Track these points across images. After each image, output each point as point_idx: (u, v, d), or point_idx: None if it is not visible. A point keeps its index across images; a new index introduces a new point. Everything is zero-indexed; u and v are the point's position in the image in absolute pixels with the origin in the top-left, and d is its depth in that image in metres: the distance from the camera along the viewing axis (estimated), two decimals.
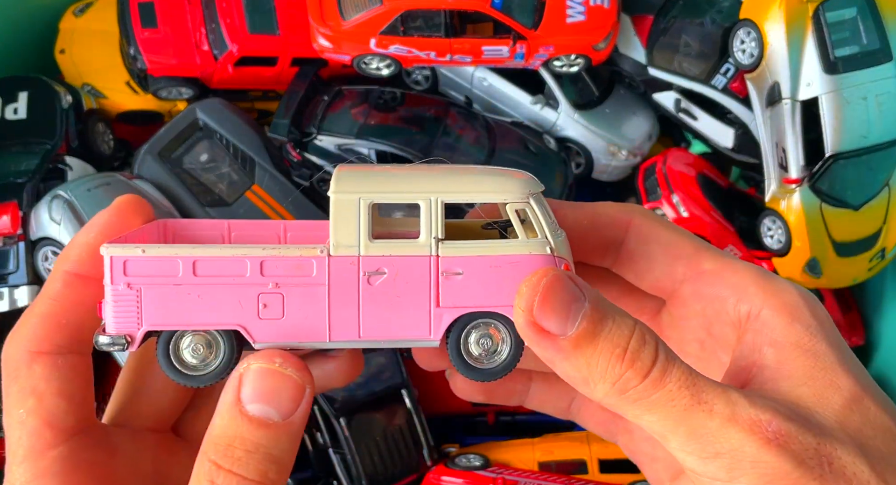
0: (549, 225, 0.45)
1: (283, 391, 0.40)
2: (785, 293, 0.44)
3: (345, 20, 1.37)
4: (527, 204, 0.45)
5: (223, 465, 0.39)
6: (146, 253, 0.44)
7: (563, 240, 0.46)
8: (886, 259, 1.35)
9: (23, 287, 1.24)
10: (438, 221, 0.45)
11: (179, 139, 1.44)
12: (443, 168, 0.48)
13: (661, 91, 1.49)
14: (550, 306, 0.40)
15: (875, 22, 1.23)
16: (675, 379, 0.39)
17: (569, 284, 0.41)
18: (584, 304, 0.40)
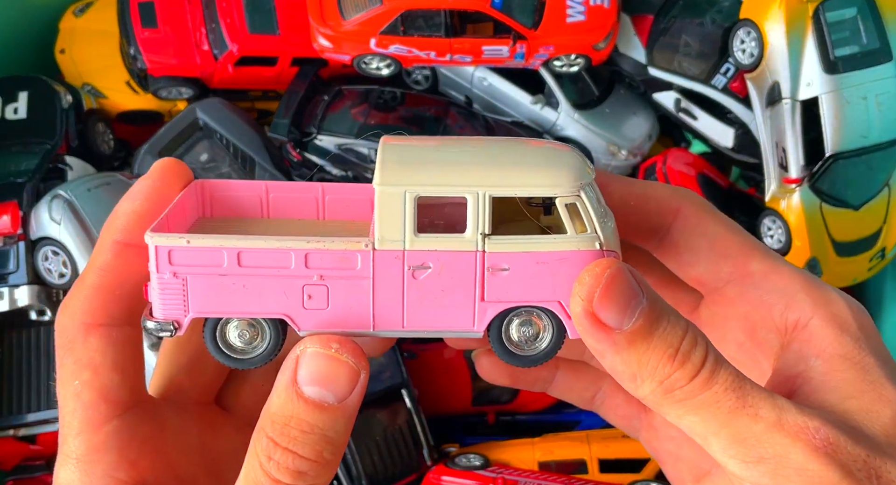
0: (598, 215, 0.44)
1: (339, 376, 0.41)
2: (835, 304, 0.43)
3: (345, 20, 1.37)
4: (577, 198, 0.44)
5: (280, 442, 0.40)
6: (191, 244, 0.44)
7: (613, 229, 0.45)
8: (886, 259, 1.35)
9: (23, 287, 1.24)
10: (486, 216, 0.43)
11: (179, 139, 1.44)
12: (491, 151, 0.47)
13: (661, 91, 1.49)
14: (611, 299, 0.39)
15: (875, 22, 1.23)
16: (722, 381, 0.38)
17: (631, 279, 0.40)
18: (642, 300, 0.40)
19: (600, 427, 1.37)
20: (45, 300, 1.26)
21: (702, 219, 0.46)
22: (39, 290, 1.25)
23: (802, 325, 0.42)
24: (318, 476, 0.41)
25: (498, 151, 0.47)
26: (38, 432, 1.31)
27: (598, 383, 0.56)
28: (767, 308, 0.44)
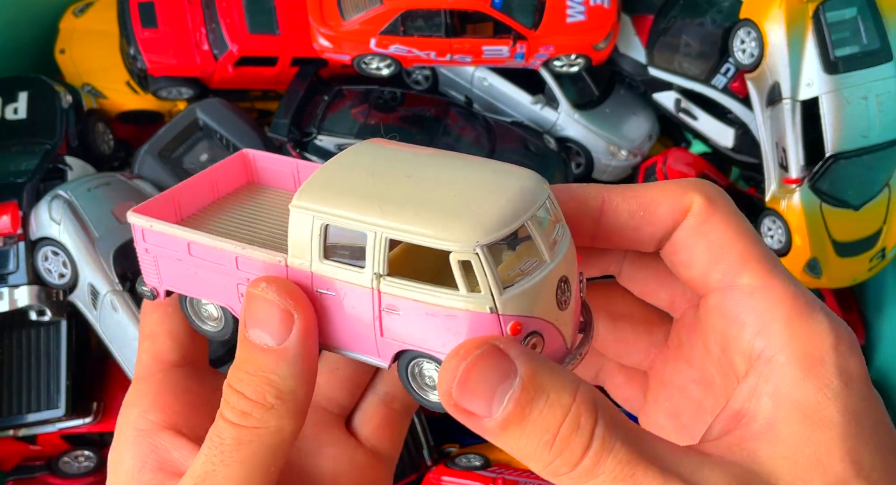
0: (494, 277, 0.40)
1: (271, 317, 0.42)
2: (814, 339, 0.37)
3: (345, 20, 1.37)
4: (473, 256, 0.40)
5: (232, 384, 0.43)
6: (153, 228, 0.49)
7: (530, 288, 0.41)
8: (887, 259, 1.35)
9: (23, 287, 1.24)
10: (382, 256, 0.42)
11: (179, 139, 1.44)
12: (423, 186, 0.44)
13: (662, 91, 1.49)
14: (472, 389, 0.37)
15: (875, 22, 1.23)
16: (609, 470, 0.35)
17: (497, 362, 0.37)
18: (513, 383, 0.36)
19: None
20: (44, 300, 1.26)
21: (708, 219, 0.42)
22: (39, 290, 1.25)
23: (767, 358, 0.38)
24: (263, 419, 0.41)
25: (430, 187, 0.44)
26: (38, 432, 1.31)
27: (598, 363, 0.55)
28: (739, 328, 0.40)
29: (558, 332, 0.43)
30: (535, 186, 0.43)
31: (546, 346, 0.42)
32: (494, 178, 0.44)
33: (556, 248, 0.43)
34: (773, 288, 0.40)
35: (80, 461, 1.34)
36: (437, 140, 1.41)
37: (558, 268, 0.43)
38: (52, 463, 1.33)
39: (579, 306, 0.46)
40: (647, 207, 0.44)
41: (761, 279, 0.40)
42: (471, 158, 0.47)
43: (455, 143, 1.42)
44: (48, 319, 1.28)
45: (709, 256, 0.42)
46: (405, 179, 0.44)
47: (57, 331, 1.29)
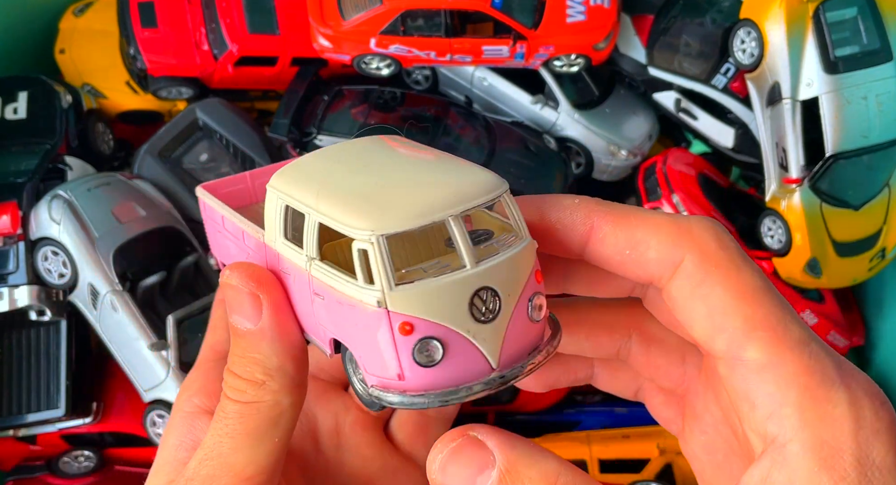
0: (388, 272, 0.39)
1: (241, 302, 0.44)
2: (830, 426, 0.34)
3: (345, 20, 1.37)
4: (370, 245, 0.38)
5: (228, 366, 0.46)
6: (205, 202, 0.55)
7: (431, 290, 0.39)
8: (887, 259, 1.35)
9: (22, 287, 1.24)
10: (313, 239, 0.41)
11: (179, 139, 1.44)
12: (376, 177, 0.43)
13: (662, 91, 1.49)
14: (452, 481, 0.38)
15: (875, 22, 1.22)
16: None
17: (473, 453, 0.37)
18: (490, 474, 0.37)
19: (600, 427, 1.37)
20: (44, 300, 1.26)
21: (703, 280, 0.38)
22: (39, 290, 1.25)
23: (780, 444, 0.35)
24: (257, 395, 0.44)
25: (375, 179, 0.43)
26: (38, 432, 1.31)
27: (638, 380, 0.52)
28: (750, 407, 0.37)
29: (473, 346, 0.40)
30: (476, 187, 0.41)
31: (450, 357, 0.40)
32: (443, 176, 0.42)
33: (488, 256, 0.40)
34: (783, 364, 0.35)
35: (80, 461, 1.34)
36: (437, 140, 1.41)
37: (479, 276, 0.40)
38: (52, 463, 1.33)
39: (527, 328, 0.42)
40: (636, 248, 0.40)
41: (769, 353, 0.36)
42: (446, 159, 0.45)
43: (455, 142, 1.42)
44: (48, 319, 1.28)
45: (709, 323, 0.38)
46: (361, 170, 0.44)
47: (57, 331, 1.29)
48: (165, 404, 1.23)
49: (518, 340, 0.42)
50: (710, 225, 0.39)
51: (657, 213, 0.41)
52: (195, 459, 0.46)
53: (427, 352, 0.40)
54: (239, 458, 0.44)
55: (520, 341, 0.42)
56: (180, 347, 1.22)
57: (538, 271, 0.42)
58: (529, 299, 0.42)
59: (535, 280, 0.42)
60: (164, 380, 1.22)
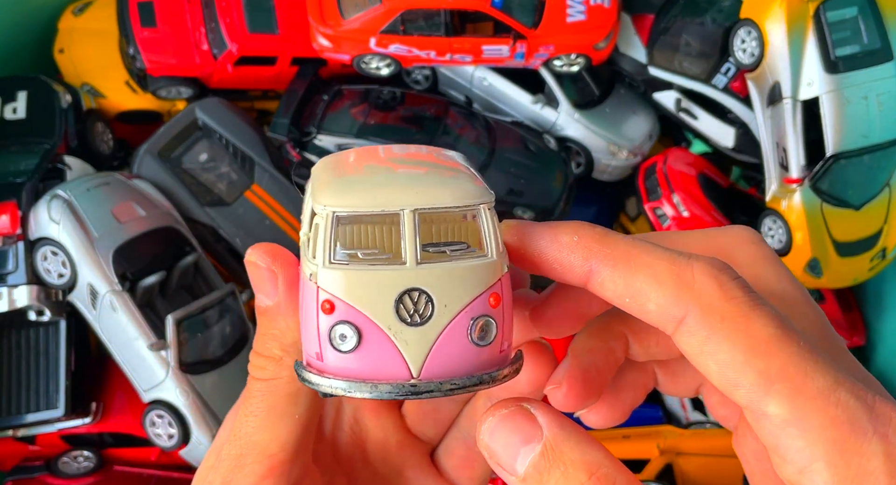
0: (327, 243, 0.39)
1: (261, 278, 0.44)
2: (867, 480, 0.32)
3: (345, 20, 1.37)
4: (322, 219, 0.39)
5: (253, 346, 0.46)
6: None
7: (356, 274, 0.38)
8: (887, 259, 1.34)
9: (22, 287, 1.24)
10: (307, 220, 0.42)
11: (179, 139, 1.44)
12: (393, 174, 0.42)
13: (662, 90, 1.49)
14: (498, 448, 0.38)
15: (876, 21, 1.22)
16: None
17: (522, 423, 0.37)
18: (535, 447, 0.36)
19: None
20: (44, 300, 1.25)
21: (710, 336, 0.35)
22: (38, 290, 1.25)
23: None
24: (275, 371, 0.44)
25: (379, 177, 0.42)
26: (38, 432, 1.30)
27: (697, 378, 0.50)
28: (780, 460, 0.35)
29: (393, 345, 0.39)
30: (449, 193, 0.39)
31: (366, 348, 0.39)
32: (427, 178, 0.41)
33: (436, 260, 0.39)
34: (808, 418, 0.33)
35: (80, 461, 1.34)
36: (436, 139, 1.41)
37: (413, 275, 0.38)
38: (52, 463, 1.33)
39: (465, 348, 0.40)
40: (635, 298, 0.38)
41: (791, 407, 0.34)
42: (449, 168, 0.43)
43: (455, 142, 1.42)
44: (47, 319, 1.27)
45: (723, 380, 0.36)
46: (361, 170, 0.44)
47: (56, 331, 1.28)
48: (165, 404, 1.23)
49: (452, 357, 0.40)
50: (714, 272, 0.36)
51: (661, 255, 0.38)
52: (227, 440, 0.46)
53: (342, 336, 0.39)
54: (263, 436, 0.44)
55: (454, 359, 0.40)
56: (180, 347, 1.22)
57: (497, 295, 0.39)
58: (473, 319, 0.39)
59: (489, 303, 0.39)
60: (164, 380, 1.22)
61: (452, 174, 0.42)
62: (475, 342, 0.39)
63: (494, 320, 0.40)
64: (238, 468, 0.45)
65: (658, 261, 0.37)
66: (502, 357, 0.41)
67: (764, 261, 0.43)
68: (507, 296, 0.40)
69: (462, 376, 0.40)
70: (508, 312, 0.40)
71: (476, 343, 0.39)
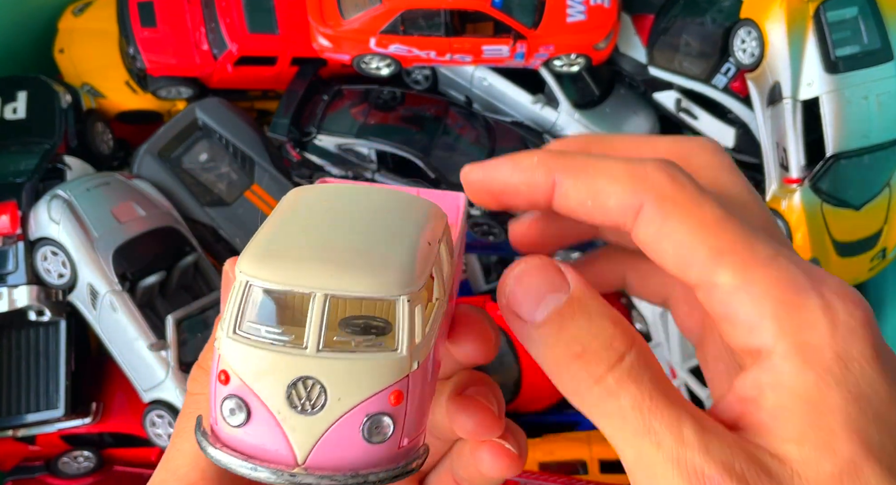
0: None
1: (224, 286, 0.44)
2: (810, 330, 0.36)
3: (345, 20, 1.37)
4: (238, 285, 0.37)
5: (198, 360, 0.46)
6: None
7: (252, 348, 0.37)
8: (887, 259, 1.34)
9: (22, 287, 1.24)
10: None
11: (179, 139, 1.44)
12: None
13: (662, 91, 1.49)
14: (522, 293, 0.39)
15: (876, 21, 1.22)
16: (630, 397, 0.36)
17: (551, 274, 0.39)
18: (560, 297, 0.38)
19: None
20: (44, 300, 1.26)
21: (665, 219, 0.39)
22: (38, 290, 1.25)
23: (766, 353, 0.37)
24: (204, 387, 0.43)
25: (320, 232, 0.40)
26: (38, 432, 1.30)
27: (667, 288, 0.52)
28: (731, 326, 0.38)
29: (280, 430, 0.38)
30: (371, 279, 0.37)
31: (253, 427, 0.37)
32: (363, 254, 0.38)
33: (339, 350, 0.37)
34: (755, 282, 0.37)
35: (80, 462, 1.34)
36: (436, 139, 1.41)
37: (310, 364, 0.37)
38: (52, 463, 1.33)
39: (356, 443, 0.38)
40: (596, 198, 0.41)
41: (739, 274, 0.38)
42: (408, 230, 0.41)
43: (455, 142, 1.42)
44: (47, 320, 1.27)
45: (678, 259, 0.39)
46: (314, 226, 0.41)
47: (56, 331, 1.29)
48: (165, 404, 1.23)
49: (340, 450, 0.38)
50: (665, 167, 0.40)
51: (616, 160, 0.41)
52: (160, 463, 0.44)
53: (231, 410, 0.38)
54: (182, 461, 0.41)
55: (342, 453, 0.38)
56: (180, 347, 1.22)
57: (400, 393, 0.37)
58: (368, 416, 0.38)
59: (388, 401, 0.37)
60: (164, 380, 1.22)
61: (389, 250, 0.39)
62: (367, 439, 0.38)
63: (392, 418, 0.38)
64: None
65: (615, 164, 0.41)
66: (401, 453, 0.39)
67: (720, 166, 0.45)
68: (414, 391, 0.38)
69: (345, 473, 0.38)
70: (414, 408, 0.38)
71: (368, 440, 0.38)
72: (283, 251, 0.37)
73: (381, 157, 1.41)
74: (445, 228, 0.41)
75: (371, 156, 1.41)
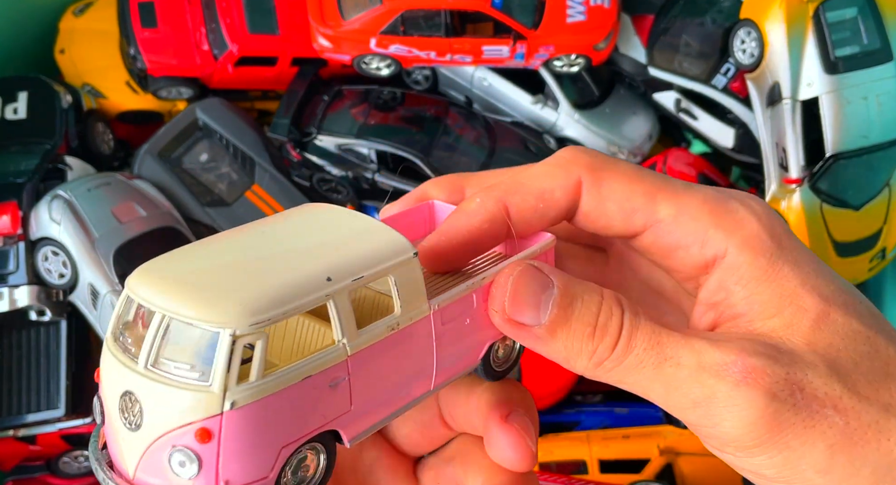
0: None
1: None
2: (745, 226, 0.43)
3: (345, 20, 1.37)
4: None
5: None
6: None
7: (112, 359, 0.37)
8: (887, 259, 1.35)
9: (23, 287, 1.24)
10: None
11: (179, 139, 1.44)
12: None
13: (662, 91, 1.49)
14: (521, 301, 0.42)
15: (875, 22, 1.22)
16: (641, 342, 0.41)
17: (536, 274, 0.42)
18: (552, 290, 0.42)
19: (600, 427, 1.37)
20: (44, 300, 1.26)
21: (601, 185, 0.46)
22: (39, 290, 1.25)
23: (721, 256, 0.43)
24: None
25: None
26: (38, 432, 1.30)
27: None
28: (685, 249, 0.45)
29: (116, 438, 0.37)
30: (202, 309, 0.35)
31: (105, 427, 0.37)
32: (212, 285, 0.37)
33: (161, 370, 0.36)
34: (690, 205, 0.44)
35: (80, 462, 1.34)
36: (436, 140, 1.41)
37: (134, 381, 0.36)
38: (52, 463, 1.33)
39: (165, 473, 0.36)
40: (544, 198, 0.46)
41: (676, 204, 0.44)
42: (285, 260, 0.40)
43: (455, 142, 1.42)
44: (48, 319, 1.28)
45: (622, 212, 0.45)
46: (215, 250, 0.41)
47: (57, 331, 1.29)
48: None
49: (158, 477, 0.36)
50: (578, 150, 0.47)
51: (534, 167, 0.47)
52: None
53: (95, 409, 0.39)
54: None
55: (160, 481, 0.36)
56: None
57: (207, 432, 0.35)
58: (174, 447, 0.36)
59: (196, 438, 0.35)
60: None
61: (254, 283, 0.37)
62: (174, 471, 0.36)
63: (198, 457, 0.36)
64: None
65: (539, 167, 0.47)
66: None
67: None
68: (235, 433, 0.35)
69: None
70: (237, 451, 0.36)
71: (175, 473, 0.36)
72: (166, 269, 0.37)
73: (381, 157, 1.41)
74: (402, 267, 0.40)
75: (371, 156, 1.41)
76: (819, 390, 0.39)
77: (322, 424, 0.38)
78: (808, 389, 0.39)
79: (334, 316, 0.38)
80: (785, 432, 0.38)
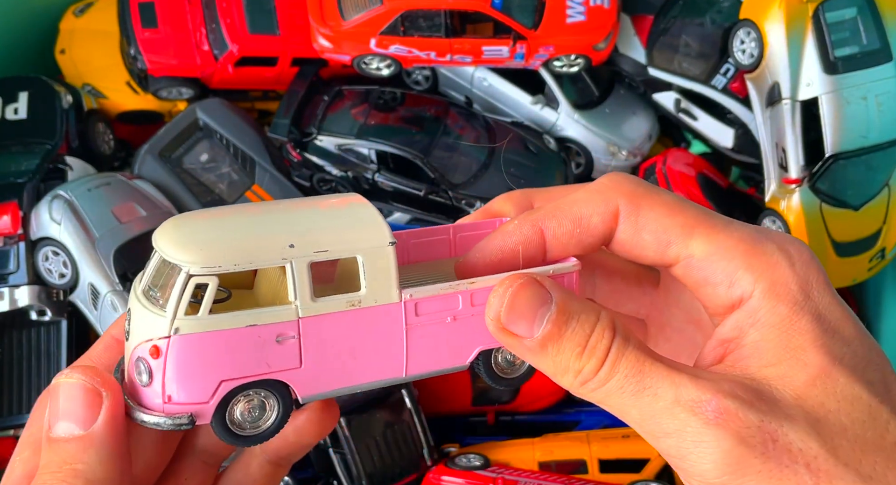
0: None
1: (72, 399, 0.41)
2: (776, 271, 0.43)
3: (345, 20, 1.38)
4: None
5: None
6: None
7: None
8: (886, 259, 1.35)
9: (23, 287, 1.24)
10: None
11: (179, 139, 1.44)
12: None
13: (661, 91, 1.49)
14: (517, 312, 0.43)
15: (875, 22, 1.23)
16: (624, 368, 0.41)
17: (535, 289, 0.43)
18: (550, 307, 0.43)
19: (600, 427, 1.37)
20: (45, 300, 1.26)
21: (638, 214, 0.46)
22: (39, 290, 1.25)
23: (746, 298, 0.44)
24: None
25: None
26: None
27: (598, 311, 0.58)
28: (713, 288, 0.45)
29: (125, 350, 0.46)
30: (179, 248, 0.43)
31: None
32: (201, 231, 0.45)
33: (149, 297, 0.44)
34: (725, 244, 0.45)
35: None
36: (437, 140, 1.41)
37: (132, 299, 0.45)
38: None
39: (134, 380, 0.44)
40: (581, 224, 0.47)
41: (711, 242, 0.45)
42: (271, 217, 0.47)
43: (455, 143, 1.42)
44: (48, 319, 1.28)
45: (657, 244, 0.46)
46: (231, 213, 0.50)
47: (57, 331, 1.29)
48: None
49: (133, 380, 0.44)
50: (621, 177, 0.48)
51: (575, 189, 0.48)
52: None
53: (118, 369, 0.49)
54: None
55: (133, 383, 0.44)
56: None
57: (158, 349, 0.42)
58: (138, 358, 0.43)
59: (149, 352, 0.42)
60: None
61: (230, 237, 0.44)
62: (138, 377, 0.43)
63: (150, 368, 0.42)
64: None
65: (580, 192, 0.48)
66: (165, 407, 0.42)
67: None
68: (181, 355, 0.42)
69: (131, 401, 0.44)
70: (180, 371, 0.42)
71: (139, 379, 0.43)
72: (182, 223, 0.45)
73: (382, 157, 1.41)
74: (372, 252, 0.45)
75: (371, 156, 1.41)
76: (793, 444, 0.38)
77: (266, 371, 0.43)
78: (782, 441, 0.38)
79: (290, 280, 0.43)
80: (748, 477, 0.38)
